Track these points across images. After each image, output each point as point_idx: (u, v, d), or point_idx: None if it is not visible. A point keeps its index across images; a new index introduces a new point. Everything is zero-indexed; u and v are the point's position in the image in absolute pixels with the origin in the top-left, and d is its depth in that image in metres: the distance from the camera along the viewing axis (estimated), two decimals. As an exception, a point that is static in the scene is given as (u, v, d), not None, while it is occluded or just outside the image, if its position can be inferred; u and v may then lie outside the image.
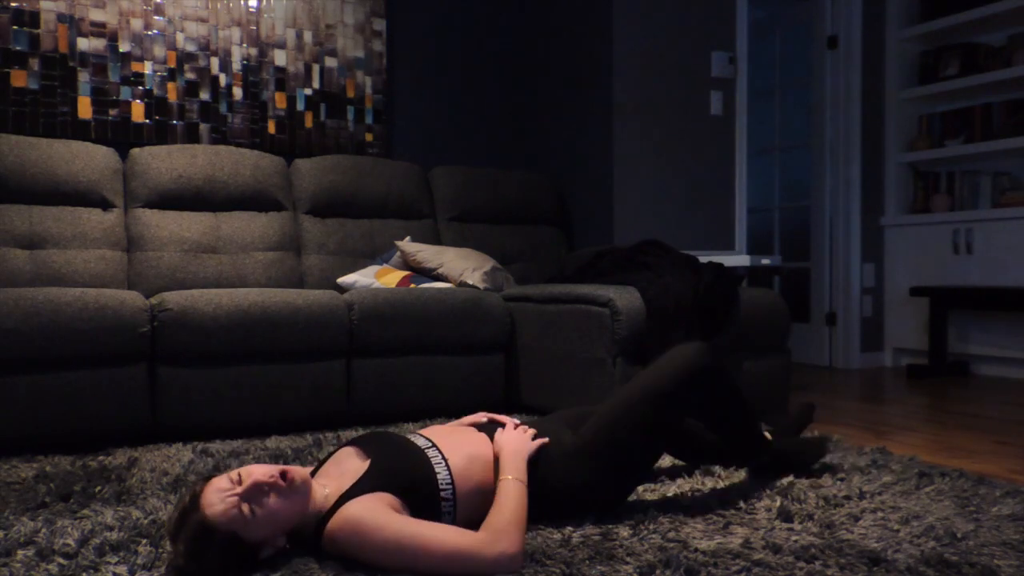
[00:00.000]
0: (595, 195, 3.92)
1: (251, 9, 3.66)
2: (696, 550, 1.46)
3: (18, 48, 3.24)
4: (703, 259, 2.97)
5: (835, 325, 4.74)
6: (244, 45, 3.65)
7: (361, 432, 2.64)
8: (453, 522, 1.45)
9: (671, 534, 1.56)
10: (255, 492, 1.31)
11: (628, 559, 1.41)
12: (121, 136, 3.42)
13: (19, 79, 3.24)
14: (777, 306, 2.92)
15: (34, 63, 3.26)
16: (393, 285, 3.13)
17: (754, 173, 5.14)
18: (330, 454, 1.57)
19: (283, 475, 1.34)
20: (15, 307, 2.29)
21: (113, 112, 3.41)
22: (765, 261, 3.33)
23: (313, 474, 1.51)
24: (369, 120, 3.92)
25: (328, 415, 2.73)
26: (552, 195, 4.03)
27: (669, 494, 1.85)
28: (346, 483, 1.41)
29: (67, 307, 2.35)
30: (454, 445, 1.53)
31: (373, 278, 3.21)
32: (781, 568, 1.38)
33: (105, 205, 3.15)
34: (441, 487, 1.45)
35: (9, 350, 2.27)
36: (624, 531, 1.58)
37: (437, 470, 1.46)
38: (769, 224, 5.28)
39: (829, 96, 4.74)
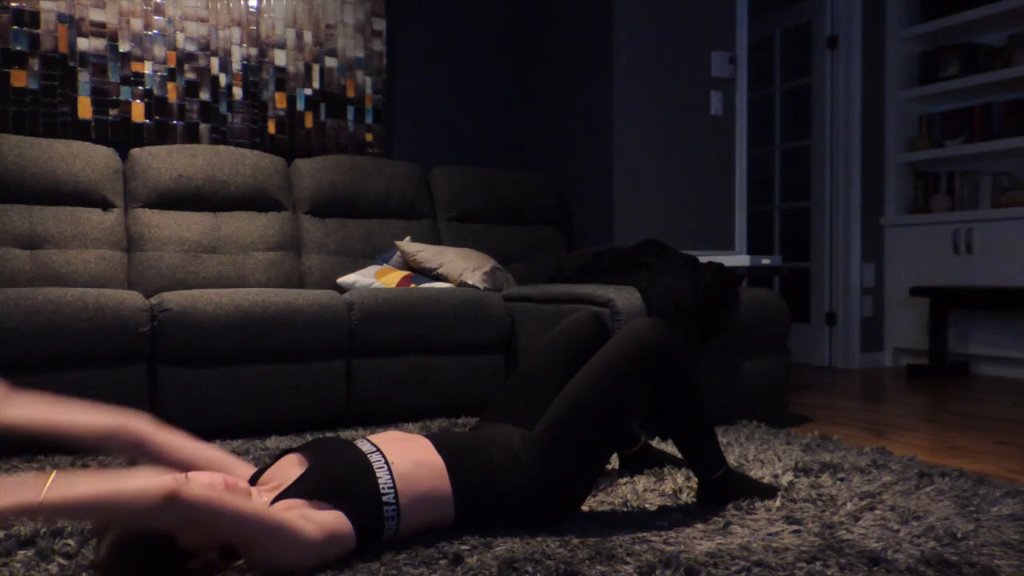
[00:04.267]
0: (595, 195, 3.92)
1: (251, 9, 3.66)
2: (696, 550, 1.46)
3: (18, 48, 3.24)
4: (703, 259, 2.97)
5: (835, 325, 4.74)
6: (244, 45, 3.65)
7: (361, 432, 2.64)
8: (397, 527, 1.44)
9: (671, 534, 1.56)
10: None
11: (628, 559, 1.41)
12: (121, 136, 3.42)
13: (19, 79, 3.24)
14: (777, 306, 2.92)
15: (34, 63, 3.27)
16: (393, 285, 3.13)
17: (754, 173, 5.15)
18: (271, 461, 1.53)
19: (225, 483, 1.31)
20: (15, 307, 2.29)
21: (113, 112, 3.41)
22: (765, 261, 3.32)
23: (254, 481, 1.48)
24: (369, 120, 3.92)
25: (328, 415, 2.73)
26: (552, 195, 4.03)
27: (668, 493, 1.85)
28: (279, 489, 1.38)
29: (67, 307, 2.35)
30: (400, 451, 1.50)
31: (373, 278, 3.21)
32: (781, 568, 1.38)
33: (105, 205, 3.15)
34: (383, 492, 1.42)
35: (9, 350, 2.27)
36: (624, 531, 1.58)
37: (379, 475, 1.43)
38: (769, 224, 5.28)
39: (829, 96, 4.74)
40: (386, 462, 1.46)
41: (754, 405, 2.83)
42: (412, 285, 3.13)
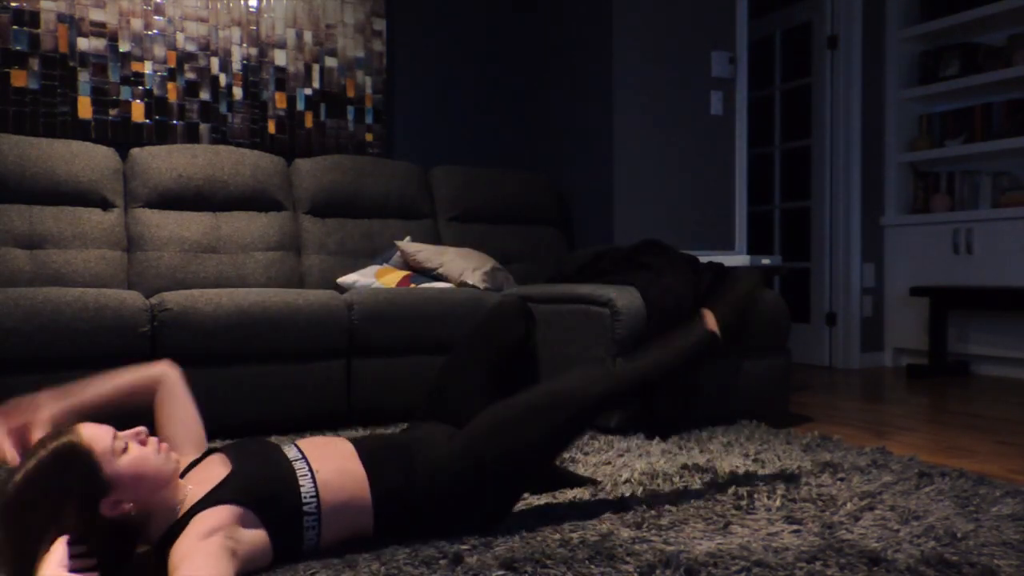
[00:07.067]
0: (595, 195, 3.92)
1: (251, 9, 3.66)
2: (696, 550, 1.46)
3: (18, 48, 3.24)
4: (703, 259, 2.97)
5: (835, 325, 4.74)
6: (244, 45, 3.65)
7: (360, 432, 2.64)
8: (318, 537, 1.42)
9: (671, 534, 1.56)
10: (134, 436, 1.32)
11: (628, 559, 1.41)
12: (121, 136, 3.42)
13: (19, 79, 3.24)
14: (777, 306, 2.92)
15: (34, 63, 3.26)
16: (393, 285, 3.13)
17: (754, 173, 5.14)
18: (199, 459, 1.51)
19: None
20: (15, 307, 2.29)
21: (113, 112, 3.41)
22: (765, 261, 3.33)
23: (182, 475, 1.46)
24: (369, 120, 3.92)
25: (328, 415, 2.73)
26: (552, 195, 4.03)
27: (668, 494, 1.85)
28: (201, 491, 1.36)
29: (67, 307, 2.35)
30: (325, 458, 1.48)
31: (373, 278, 3.21)
32: (781, 568, 1.38)
33: (105, 205, 3.15)
34: (304, 500, 1.41)
35: (9, 350, 2.27)
36: (624, 531, 1.58)
37: (302, 483, 1.42)
38: (769, 224, 5.28)
39: (829, 96, 4.74)
40: (310, 470, 1.44)
41: (754, 405, 2.83)
42: (412, 285, 3.12)
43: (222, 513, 1.31)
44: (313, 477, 1.43)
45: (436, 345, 2.87)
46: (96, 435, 1.27)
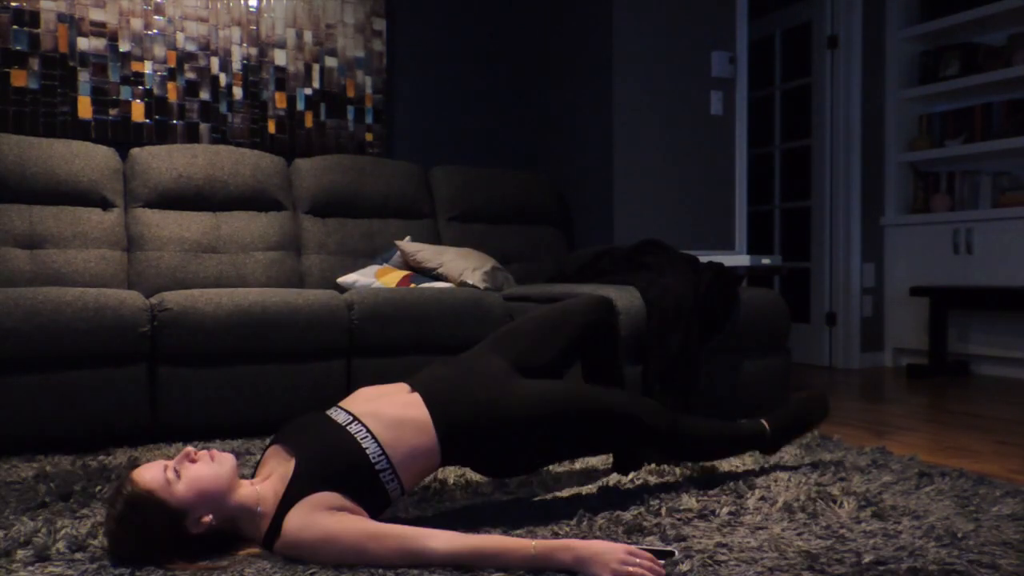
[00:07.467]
0: (595, 195, 3.92)
1: (251, 9, 3.66)
2: (697, 550, 1.46)
3: (18, 48, 3.24)
4: (703, 259, 2.97)
5: (835, 325, 4.74)
6: (244, 45, 3.65)
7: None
8: (401, 486, 1.49)
9: (671, 534, 1.56)
10: (183, 459, 1.40)
11: (628, 559, 1.41)
12: (121, 136, 3.42)
13: (19, 79, 3.24)
14: (777, 306, 2.92)
15: (34, 63, 3.26)
16: (393, 285, 3.13)
17: (754, 173, 5.14)
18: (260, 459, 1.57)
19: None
20: (15, 307, 2.29)
21: (113, 112, 3.41)
22: (765, 261, 3.33)
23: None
24: (369, 120, 3.92)
25: (328, 415, 2.73)
26: (552, 195, 4.03)
27: (667, 492, 1.85)
28: (280, 487, 1.42)
29: (67, 307, 2.35)
30: (376, 412, 1.53)
31: (373, 278, 3.21)
32: (782, 568, 1.38)
33: (105, 205, 3.15)
34: (374, 461, 1.45)
35: (9, 350, 2.27)
36: (625, 532, 1.58)
37: (365, 445, 1.46)
38: (769, 224, 5.28)
39: (829, 96, 4.74)
40: (368, 431, 1.48)
41: (754, 405, 2.83)
42: (412, 285, 3.12)
43: (314, 501, 1.38)
44: (373, 436, 1.48)
45: (436, 345, 2.87)
46: (149, 476, 1.37)
